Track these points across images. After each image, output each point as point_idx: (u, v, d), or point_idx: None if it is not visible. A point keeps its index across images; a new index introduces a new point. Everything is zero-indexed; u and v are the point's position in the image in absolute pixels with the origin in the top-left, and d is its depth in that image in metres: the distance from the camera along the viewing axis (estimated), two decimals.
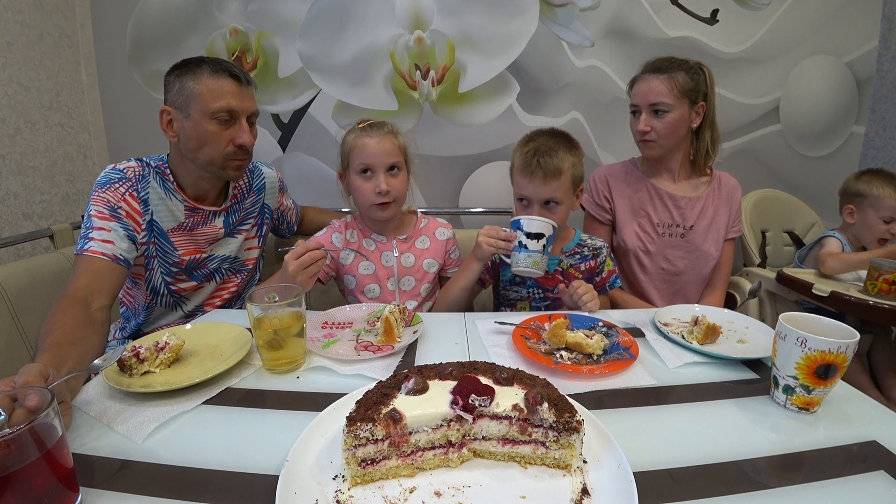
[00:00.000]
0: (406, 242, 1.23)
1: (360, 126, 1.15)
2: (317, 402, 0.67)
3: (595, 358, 0.80)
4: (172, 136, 1.05)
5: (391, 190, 1.12)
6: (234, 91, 1.03)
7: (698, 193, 1.33)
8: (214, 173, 1.09)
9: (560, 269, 1.18)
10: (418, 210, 1.33)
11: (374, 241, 1.22)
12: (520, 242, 1.00)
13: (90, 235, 0.98)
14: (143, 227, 1.05)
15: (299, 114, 1.91)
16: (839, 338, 0.61)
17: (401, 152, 1.15)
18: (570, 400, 0.56)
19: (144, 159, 1.09)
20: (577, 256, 1.20)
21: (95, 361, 0.69)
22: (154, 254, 1.09)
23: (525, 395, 0.55)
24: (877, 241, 1.53)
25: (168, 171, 1.09)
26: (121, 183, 1.03)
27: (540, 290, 1.20)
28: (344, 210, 1.77)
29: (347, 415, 0.52)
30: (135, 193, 1.04)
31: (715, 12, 1.88)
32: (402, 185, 1.16)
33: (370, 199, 1.13)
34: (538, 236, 0.99)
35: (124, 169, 1.05)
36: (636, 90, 1.27)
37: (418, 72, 1.84)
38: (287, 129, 1.93)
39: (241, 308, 1.27)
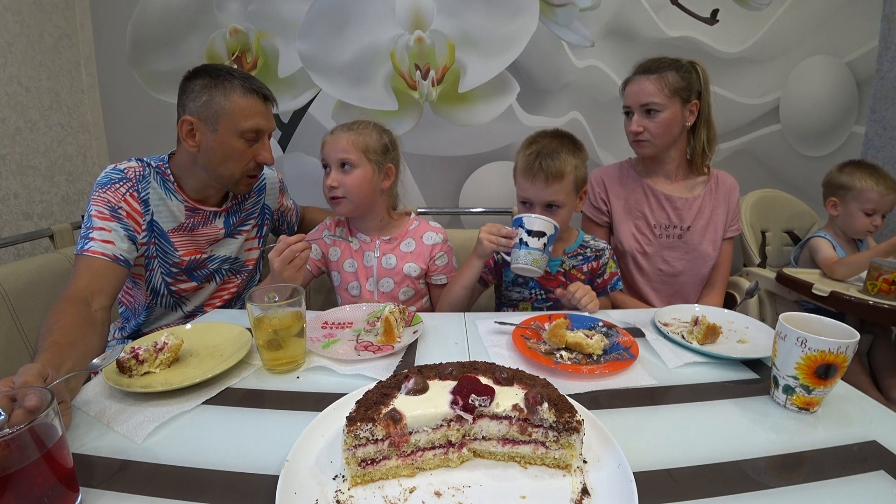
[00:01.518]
0: (390, 244, 1.21)
1: (339, 125, 1.19)
2: (317, 402, 0.67)
3: (595, 358, 0.80)
4: (192, 147, 1.04)
5: (338, 186, 1.12)
6: (264, 111, 1.06)
7: (695, 194, 1.33)
8: (228, 187, 1.11)
9: (562, 270, 1.18)
10: (413, 211, 1.32)
11: (359, 240, 1.22)
12: (521, 240, 1.01)
13: (90, 235, 0.98)
14: (144, 227, 1.05)
15: (299, 114, 1.91)
16: (839, 338, 0.61)
17: (356, 149, 1.12)
18: (570, 400, 0.56)
19: (145, 159, 1.09)
20: (580, 257, 1.20)
21: (94, 361, 0.69)
22: (154, 254, 1.09)
23: (525, 395, 0.55)
24: (860, 233, 1.53)
25: (168, 171, 1.09)
26: (121, 183, 1.03)
27: (542, 291, 1.20)
28: None
29: (347, 415, 0.52)
30: (135, 194, 1.04)
31: (715, 12, 1.88)
32: (354, 182, 1.12)
33: (325, 193, 1.16)
34: (539, 234, 0.99)
35: (125, 169, 1.05)
36: (627, 91, 1.27)
37: (418, 72, 1.84)
38: (287, 129, 1.93)
39: (241, 308, 1.27)
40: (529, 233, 1.00)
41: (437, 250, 1.23)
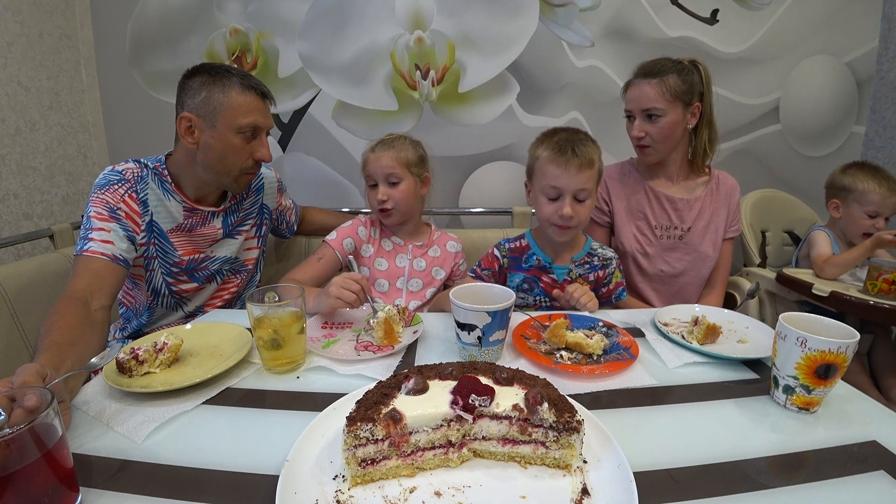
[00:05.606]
0: (421, 249, 1.32)
1: (377, 141, 1.25)
2: (317, 402, 0.67)
3: (595, 358, 0.80)
4: (192, 144, 1.04)
5: (388, 199, 1.21)
6: (261, 108, 1.07)
7: (696, 195, 1.32)
8: (226, 185, 1.11)
9: (569, 279, 1.16)
10: (432, 225, 1.41)
11: (393, 242, 1.31)
12: (457, 324, 0.80)
13: (90, 236, 0.98)
14: (143, 227, 1.05)
15: (299, 114, 1.91)
16: (839, 338, 0.61)
17: (400, 165, 1.21)
18: (570, 400, 0.56)
19: (142, 160, 1.09)
20: (587, 266, 1.17)
21: (93, 360, 0.69)
22: (154, 254, 1.09)
23: (525, 395, 0.56)
24: (861, 235, 1.51)
25: (166, 171, 1.09)
26: (120, 184, 1.03)
27: (547, 299, 1.17)
28: (344, 210, 1.78)
29: (347, 415, 0.52)
30: (134, 195, 1.04)
31: (715, 12, 1.87)
32: (402, 195, 1.22)
33: (374, 206, 1.25)
34: (469, 327, 0.78)
35: (123, 170, 1.05)
36: (629, 96, 1.26)
37: (418, 72, 1.84)
38: (287, 129, 1.93)
39: (241, 308, 1.27)
40: (459, 325, 0.79)
41: (459, 258, 1.35)
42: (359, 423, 0.51)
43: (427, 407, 0.54)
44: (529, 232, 1.22)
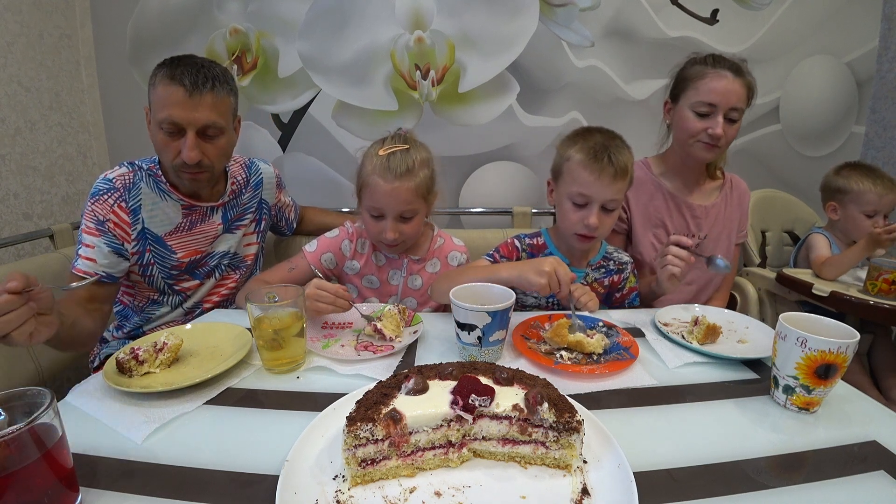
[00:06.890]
0: (418, 264, 1.17)
1: (382, 152, 1.01)
2: (317, 402, 0.67)
3: (595, 358, 0.80)
4: (151, 137, 1.04)
5: (398, 235, 1.05)
6: (181, 101, 0.95)
7: (712, 200, 1.30)
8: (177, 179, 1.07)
9: (585, 283, 1.12)
10: (435, 227, 1.24)
11: (386, 256, 1.16)
12: (457, 323, 0.80)
13: (79, 252, 1.01)
14: (133, 237, 1.05)
15: (299, 114, 1.91)
16: (839, 338, 0.61)
17: (417, 196, 1.02)
18: (570, 400, 0.56)
19: (136, 163, 1.09)
20: (602, 270, 1.14)
21: (72, 284, 0.80)
22: (152, 261, 1.09)
23: (525, 395, 0.56)
24: (864, 236, 1.48)
25: (160, 171, 1.08)
26: (109, 194, 1.03)
27: (559, 301, 1.13)
28: (344, 210, 1.78)
29: (347, 415, 0.52)
30: (123, 204, 1.04)
31: (715, 12, 1.87)
32: (414, 228, 1.07)
33: (377, 237, 1.08)
34: (469, 327, 0.78)
35: (113, 178, 1.05)
36: (715, 87, 1.13)
37: (418, 72, 1.84)
38: (287, 129, 1.93)
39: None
40: (459, 325, 0.79)
41: None
42: (359, 423, 0.51)
43: (427, 407, 0.54)
44: (546, 231, 1.18)
